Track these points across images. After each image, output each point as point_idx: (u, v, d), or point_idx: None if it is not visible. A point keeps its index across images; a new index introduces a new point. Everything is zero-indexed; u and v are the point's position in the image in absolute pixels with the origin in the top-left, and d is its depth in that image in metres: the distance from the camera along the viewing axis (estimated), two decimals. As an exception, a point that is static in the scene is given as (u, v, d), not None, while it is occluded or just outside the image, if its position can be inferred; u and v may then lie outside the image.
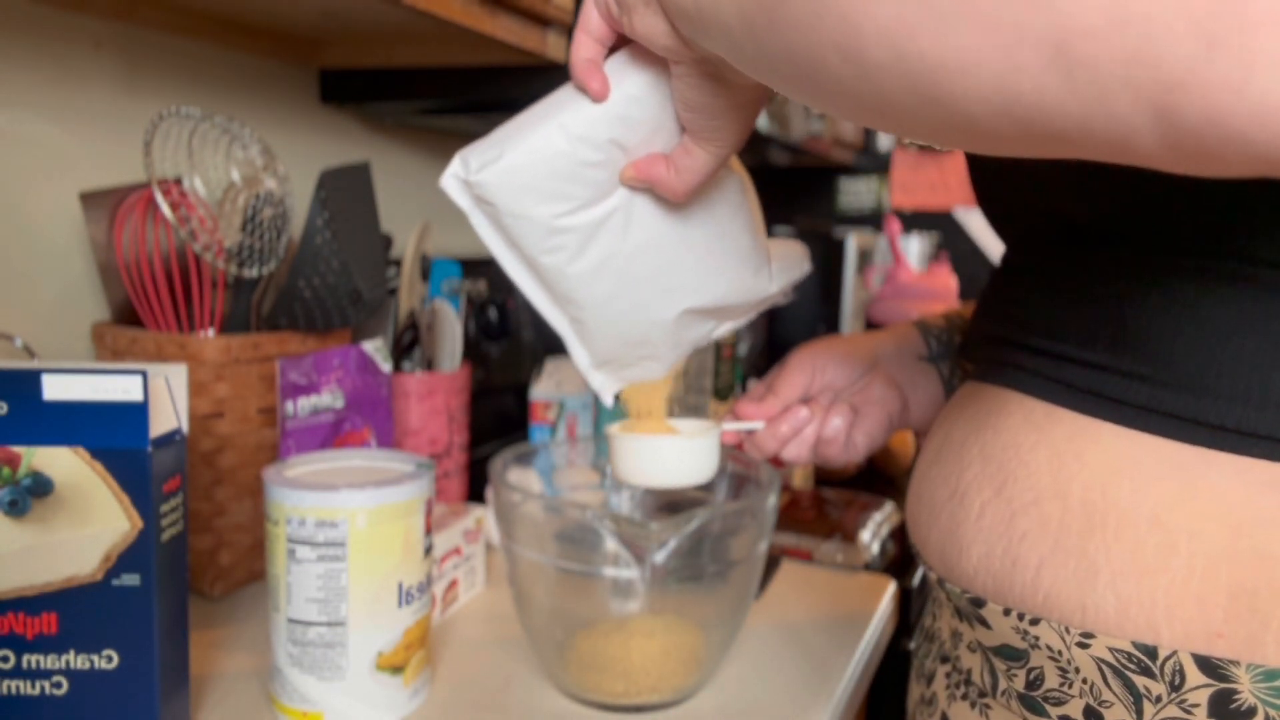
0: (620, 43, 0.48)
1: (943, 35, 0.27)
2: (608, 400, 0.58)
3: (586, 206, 0.48)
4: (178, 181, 0.73)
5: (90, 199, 0.74)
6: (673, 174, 0.48)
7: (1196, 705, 0.36)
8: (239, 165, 0.76)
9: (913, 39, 0.28)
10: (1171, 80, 0.24)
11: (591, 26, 0.46)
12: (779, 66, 0.34)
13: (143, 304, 0.74)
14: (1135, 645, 0.37)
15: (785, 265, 0.60)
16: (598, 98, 0.46)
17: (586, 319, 0.53)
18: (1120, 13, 0.24)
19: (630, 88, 0.46)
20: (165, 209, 0.69)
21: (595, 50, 0.47)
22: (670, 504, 0.72)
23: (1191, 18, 0.23)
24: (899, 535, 0.96)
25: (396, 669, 0.57)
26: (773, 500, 0.61)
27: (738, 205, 0.54)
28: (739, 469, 0.67)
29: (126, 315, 0.77)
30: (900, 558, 0.91)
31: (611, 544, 0.56)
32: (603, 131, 0.46)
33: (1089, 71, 0.25)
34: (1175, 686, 0.37)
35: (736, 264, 0.55)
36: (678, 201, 0.50)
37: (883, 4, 0.28)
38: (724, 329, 0.60)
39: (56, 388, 0.47)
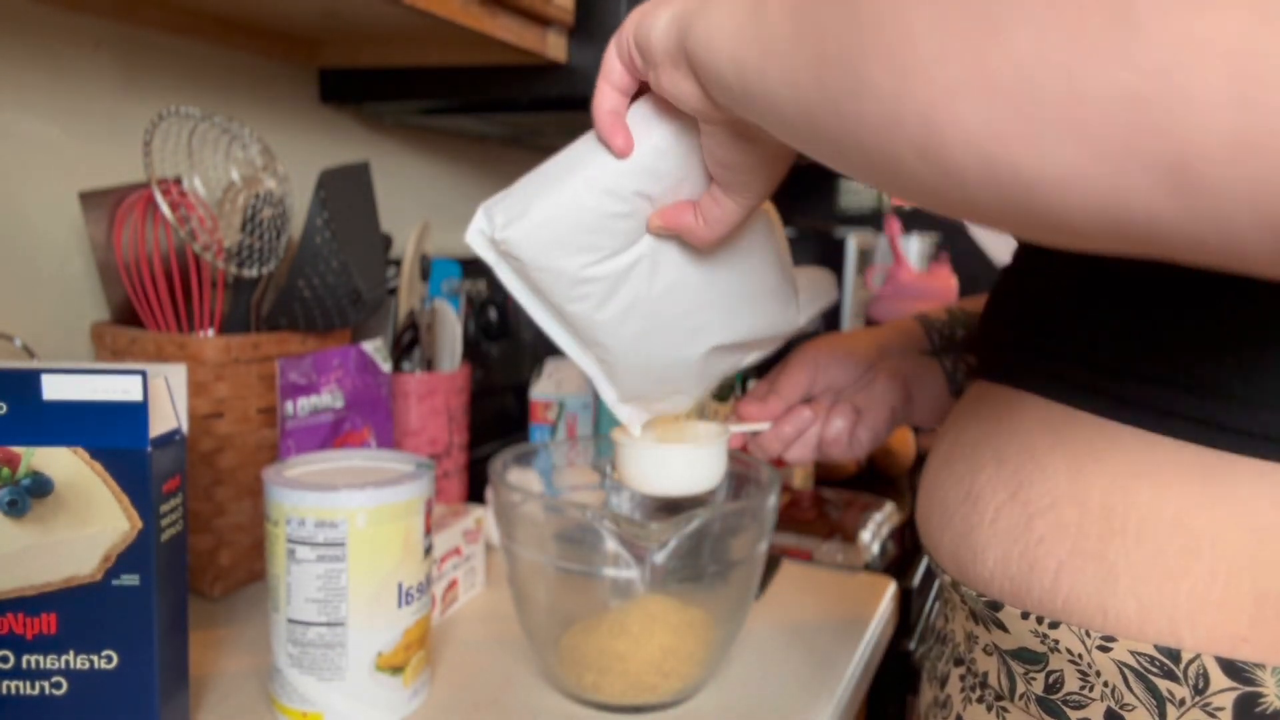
0: (644, 87, 0.46)
1: (1040, 150, 0.24)
2: (635, 431, 0.58)
3: (613, 256, 0.48)
4: (177, 181, 0.73)
5: (90, 199, 0.74)
6: (701, 224, 0.47)
7: (1221, 709, 0.36)
8: (239, 165, 0.76)
9: (1005, 149, 0.25)
10: None
11: (614, 76, 0.45)
12: (846, 155, 0.31)
13: (142, 304, 0.74)
14: (1158, 648, 0.37)
15: (813, 295, 0.59)
16: (622, 154, 0.45)
17: (614, 360, 0.53)
18: (1246, 138, 0.22)
19: (656, 139, 0.45)
20: (165, 209, 0.69)
21: (618, 101, 0.45)
22: (670, 504, 0.71)
23: None
24: (899, 535, 0.96)
25: (396, 669, 0.57)
26: (773, 500, 0.61)
27: (765, 244, 0.53)
28: (739, 469, 0.67)
29: (126, 315, 0.76)
30: (900, 558, 0.91)
31: (611, 544, 0.56)
32: (629, 184, 0.45)
33: (1209, 197, 0.23)
34: (1199, 690, 0.36)
35: (763, 300, 0.55)
36: (706, 250, 0.49)
37: (970, 110, 0.25)
38: (751, 358, 0.59)
39: (56, 388, 0.47)
